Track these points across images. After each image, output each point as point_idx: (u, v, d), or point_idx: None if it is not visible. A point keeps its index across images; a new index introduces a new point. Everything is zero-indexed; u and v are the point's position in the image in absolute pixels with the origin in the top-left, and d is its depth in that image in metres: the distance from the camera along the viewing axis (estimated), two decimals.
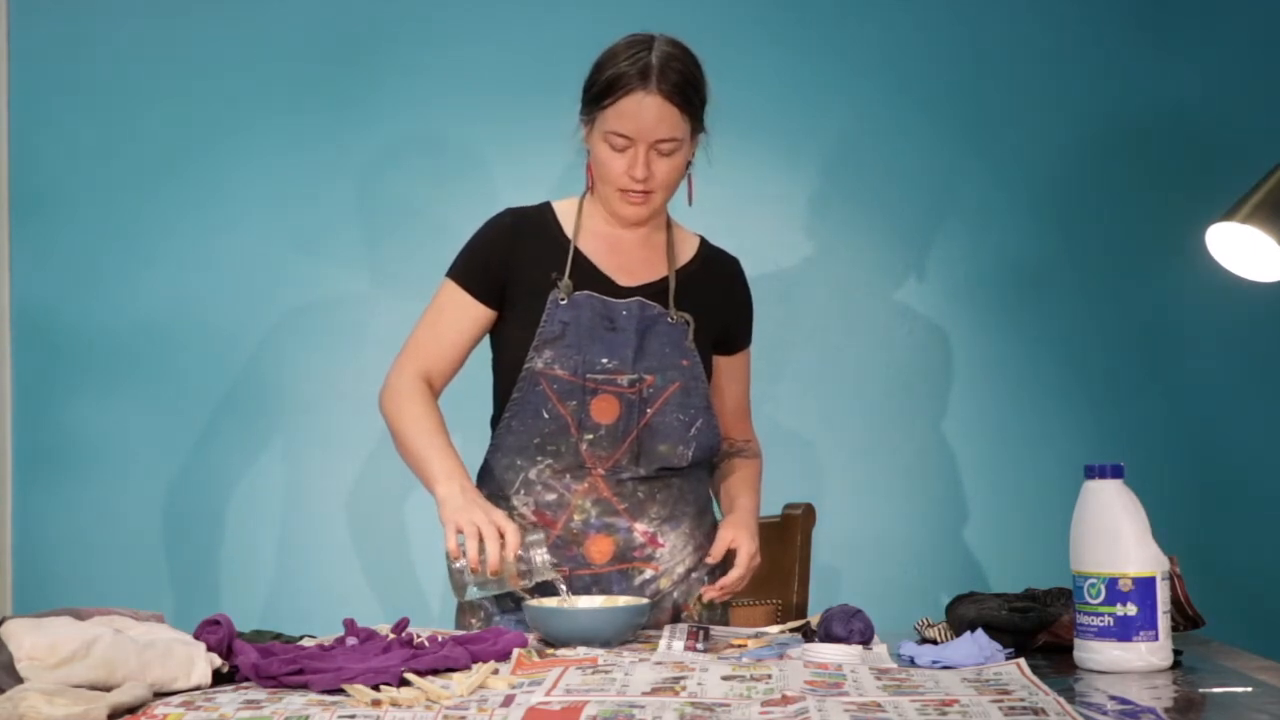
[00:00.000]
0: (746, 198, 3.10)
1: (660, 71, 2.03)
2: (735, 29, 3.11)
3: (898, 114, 3.14)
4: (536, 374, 2.09)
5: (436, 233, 2.90)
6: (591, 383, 2.08)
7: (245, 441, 3.07)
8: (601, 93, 2.05)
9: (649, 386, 2.10)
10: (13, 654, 1.47)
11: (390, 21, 3.11)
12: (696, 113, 2.09)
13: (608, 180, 2.10)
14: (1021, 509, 3.08)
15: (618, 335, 2.10)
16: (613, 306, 2.12)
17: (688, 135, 2.09)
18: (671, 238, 2.22)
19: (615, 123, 2.04)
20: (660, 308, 2.14)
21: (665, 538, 2.14)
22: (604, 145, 2.08)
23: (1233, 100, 3.14)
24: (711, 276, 2.23)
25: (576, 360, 2.08)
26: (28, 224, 3.07)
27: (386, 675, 1.49)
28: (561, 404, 2.08)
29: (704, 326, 2.17)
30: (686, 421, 2.12)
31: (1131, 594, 1.63)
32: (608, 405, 2.09)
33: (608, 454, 2.09)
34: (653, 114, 2.03)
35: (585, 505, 2.10)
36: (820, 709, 1.35)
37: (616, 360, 2.09)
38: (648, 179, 2.07)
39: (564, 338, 2.09)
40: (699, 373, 2.14)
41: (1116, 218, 3.13)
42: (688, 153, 2.12)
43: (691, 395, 2.13)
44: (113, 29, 3.09)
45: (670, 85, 2.03)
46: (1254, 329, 3.10)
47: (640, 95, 2.03)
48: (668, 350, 2.12)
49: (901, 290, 3.13)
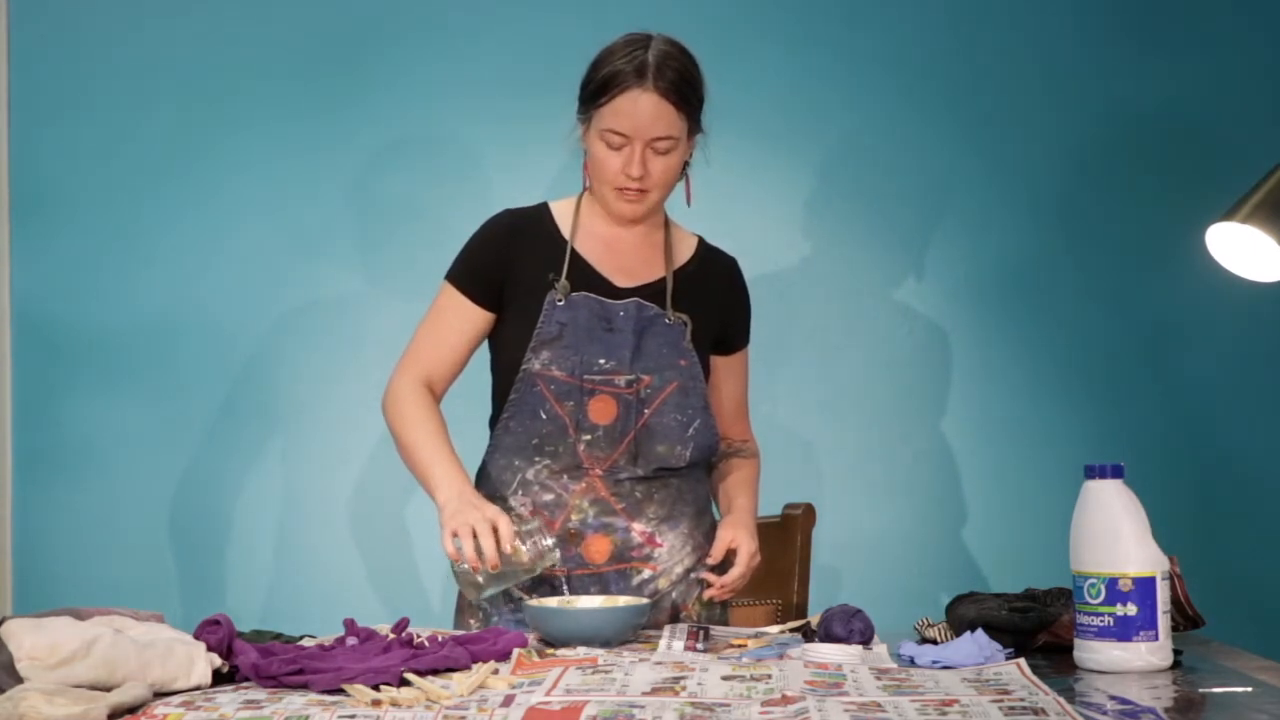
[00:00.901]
0: (746, 198, 3.10)
1: (657, 69, 2.03)
2: (735, 30, 3.11)
3: (898, 114, 3.13)
4: (534, 375, 2.09)
5: (436, 233, 2.89)
6: (589, 383, 2.08)
7: (245, 441, 3.07)
8: (598, 90, 2.06)
9: (646, 387, 2.10)
10: (13, 654, 1.47)
11: (390, 23, 3.11)
12: (693, 112, 2.09)
13: (604, 179, 2.10)
14: (1021, 509, 3.08)
15: (615, 336, 2.10)
16: (610, 307, 2.12)
17: (684, 134, 2.09)
18: (669, 238, 2.22)
19: (611, 120, 2.04)
20: (658, 308, 2.14)
21: (663, 538, 2.14)
22: (600, 143, 2.08)
23: (1233, 100, 3.14)
24: (709, 276, 2.23)
25: (574, 361, 2.08)
26: (28, 224, 3.07)
27: (386, 675, 1.49)
28: (559, 404, 2.08)
29: (702, 327, 2.17)
30: (684, 422, 2.12)
31: (1131, 594, 1.63)
32: (605, 406, 2.09)
33: (605, 454, 2.09)
34: (649, 112, 2.03)
35: (583, 505, 2.10)
36: (820, 709, 1.35)
37: (614, 361, 2.09)
38: (644, 177, 2.07)
39: (561, 338, 2.09)
40: (697, 373, 2.14)
41: (1116, 218, 3.13)
42: (684, 152, 2.12)
43: (689, 395, 2.13)
44: (113, 29, 3.09)
45: (667, 83, 2.03)
46: (1254, 329, 3.10)
47: (636, 93, 2.03)
48: (665, 351, 2.12)
49: (901, 290, 3.13)
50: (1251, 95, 3.14)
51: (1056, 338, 3.12)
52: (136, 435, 3.05)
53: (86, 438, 3.04)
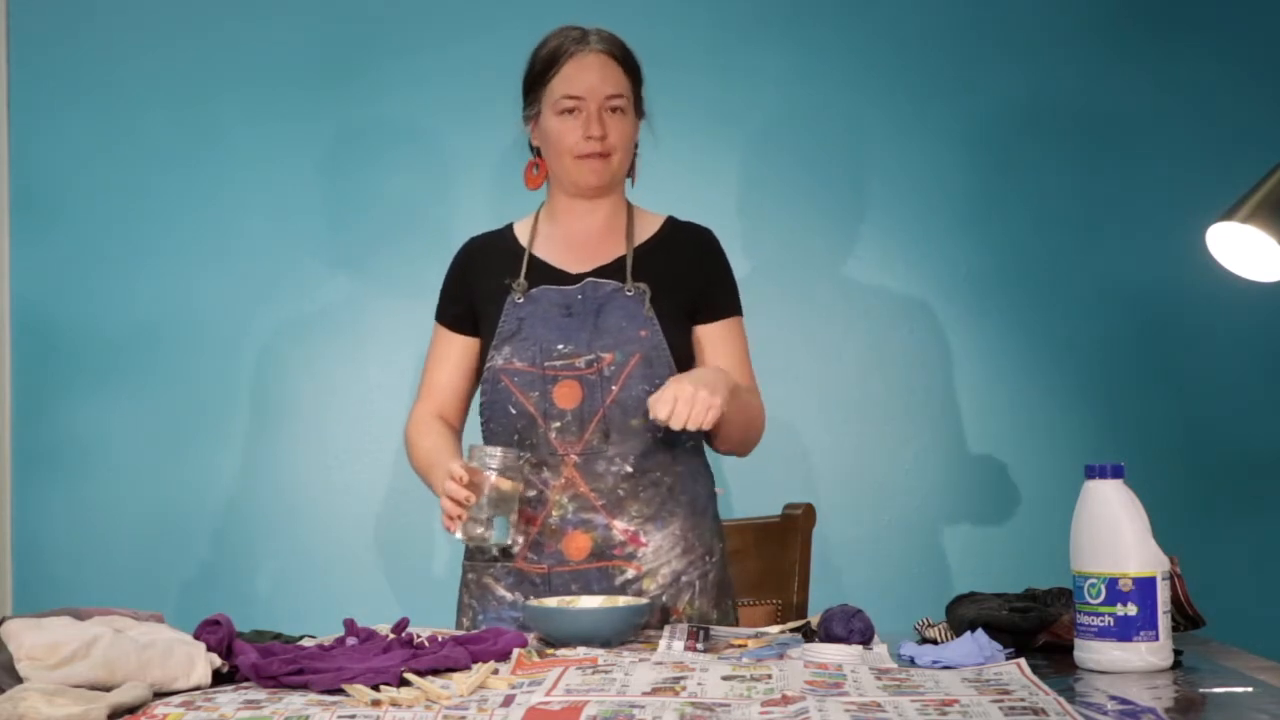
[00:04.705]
0: (745, 198, 3.10)
1: (596, 35, 2.16)
2: (736, 28, 3.11)
3: (898, 113, 3.13)
4: (497, 371, 2.13)
5: (435, 234, 2.90)
6: (550, 370, 2.11)
7: (244, 441, 3.07)
8: (544, 68, 2.15)
9: (609, 365, 2.10)
10: (13, 654, 1.47)
11: (390, 25, 3.11)
12: (635, 80, 2.18)
13: (564, 150, 2.14)
14: (1021, 509, 3.08)
15: (572, 320, 2.13)
16: (568, 293, 2.15)
17: (631, 98, 2.16)
18: (632, 220, 2.23)
19: (563, 87, 2.13)
20: (616, 283, 2.16)
21: (648, 537, 2.12)
22: (555, 117, 2.14)
23: (1233, 100, 3.13)
24: (674, 247, 2.23)
25: (533, 351, 2.11)
26: (28, 224, 3.07)
27: (386, 675, 1.49)
28: (524, 396, 2.11)
29: (665, 293, 2.16)
30: (651, 392, 2.05)
31: (1132, 594, 1.63)
32: (569, 390, 2.10)
33: (577, 438, 2.10)
34: (597, 70, 2.13)
35: (563, 501, 2.11)
36: (820, 709, 1.35)
37: (571, 344, 2.11)
38: (604, 137, 2.12)
39: (520, 332, 2.13)
40: (658, 341, 2.13)
41: (1116, 217, 3.13)
42: (634, 124, 2.18)
43: (654, 365, 2.11)
44: (112, 29, 3.09)
45: (606, 44, 2.15)
46: (1254, 329, 3.10)
47: (580, 56, 2.13)
48: (624, 325, 2.12)
49: (901, 290, 3.13)
50: (1253, 95, 3.13)
51: (1057, 337, 3.12)
52: (136, 435, 3.05)
53: (86, 437, 3.04)
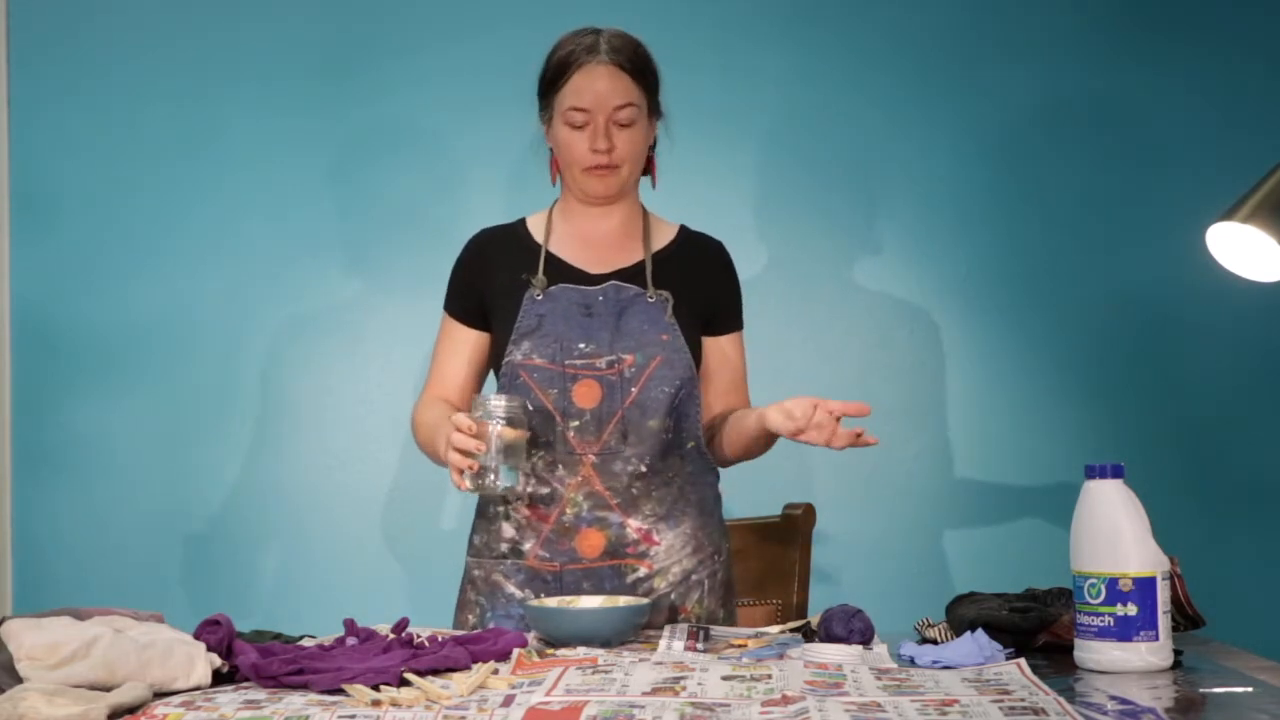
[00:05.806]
0: (745, 198, 3.10)
1: (607, 44, 2.12)
2: (741, 28, 3.11)
3: (899, 113, 3.13)
4: (516, 366, 2.12)
5: (435, 234, 2.90)
6: (571, 369, 2.10)
7: (244, 441, 3.07)
8: (555, 76, 2.13)
9: (630, 366, 2.11)
10: (13, 654, 1.47)
11: (390, 24, 3.11)
12: (649, 86, 2.15)
13: (573, 161, 2.14)
14: (1021, 509, 3.08)
15: (594, 320, 2.12)
16: (589, 294, 2.15)
17: (644, 107, 2.14)
18: (648, 226, 2.24)
19: (572, 99, 2.10)
20: (637, 288, 2.16)
21: (661, 535, 2.13)
22: (564, 127, 2.13)
23: (1233, 100, 3.13)
24: (691, 257, 2.24)
25: (554, 348, 2.11)
26: (27, 224, 3.07)
27: (386, 675, 1.49)
28: (543, 393, 2.10)
29: (685, 303, 2.17)
30: (671, 393, 2.12)
31: (1132, 594, 1.63)
32: (589, 390, 2.10)
33: (595, 438, 2.10)
34: (605, 83, 2.09)
35: (577, 499, 2.11)
36: (820, 709, 1.35)
37: (593, 344, 2.11)
38: (611, 150, 2.11)
39: (540, 328, 2.12)
40: (680, 345, 2.14)
41: (1116, 217, 3.13)
42: (647, 131, 2.16)
43: (675, 368, 2.13)
44: (112, 29, 3.09)
45: (618, 54, 2.11)
46: (1254, 329, 3.10)
47: (590, 67, 2.10)
48: (646, 328, 2.13)
49: (901, 290, 3.13)
50: (1253, 94, 3.13)
51: (1056, 337, 3.12)
52: (136, 434, 3.05)
53: (86, 438, 3.04)
